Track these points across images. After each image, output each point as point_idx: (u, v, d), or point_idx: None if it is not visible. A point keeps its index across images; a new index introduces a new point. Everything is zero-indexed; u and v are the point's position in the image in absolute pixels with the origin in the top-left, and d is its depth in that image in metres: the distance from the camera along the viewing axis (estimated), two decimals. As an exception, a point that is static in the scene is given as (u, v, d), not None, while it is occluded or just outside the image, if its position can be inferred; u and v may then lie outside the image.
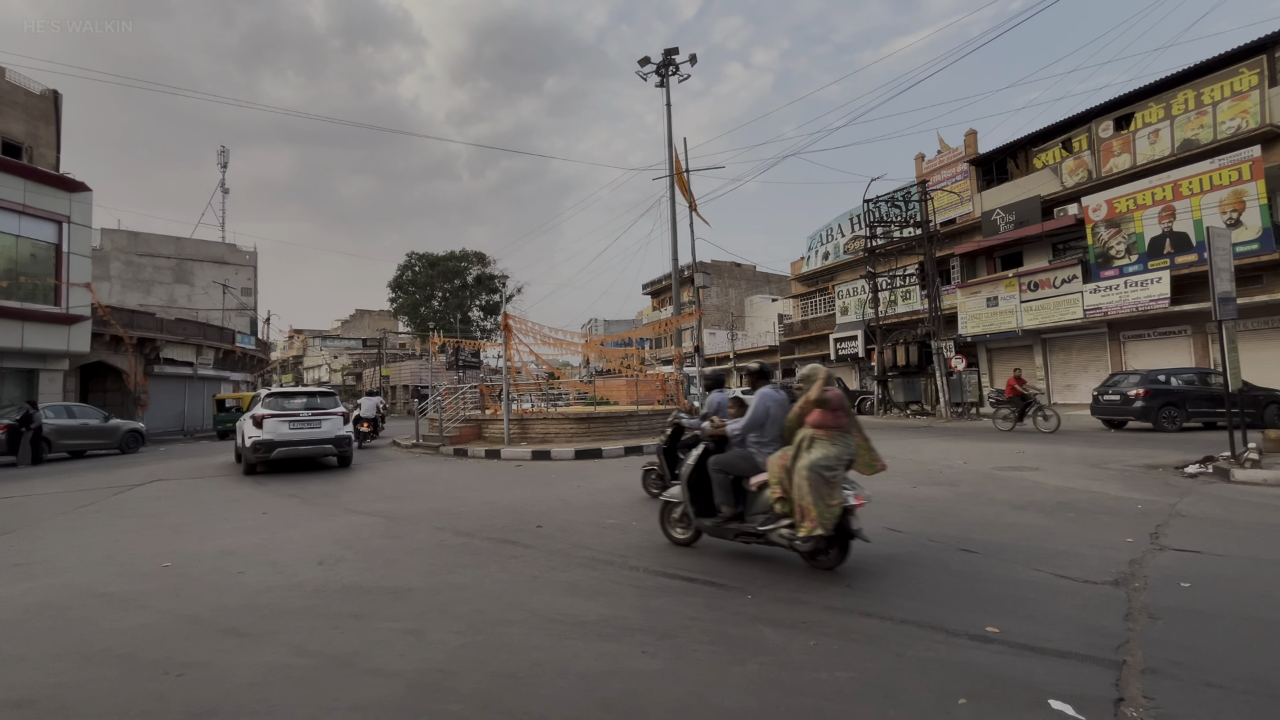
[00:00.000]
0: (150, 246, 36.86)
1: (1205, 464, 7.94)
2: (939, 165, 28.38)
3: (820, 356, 33.90)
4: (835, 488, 3.97)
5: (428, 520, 6.28)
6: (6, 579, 4.49)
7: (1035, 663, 2.72)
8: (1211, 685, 2.49)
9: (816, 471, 3.96)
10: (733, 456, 4.58)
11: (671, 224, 18.91)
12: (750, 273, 51.62)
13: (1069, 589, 3.68)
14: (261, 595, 3.93)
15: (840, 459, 4.05)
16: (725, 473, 4.58)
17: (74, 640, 3.26)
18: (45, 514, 7.25)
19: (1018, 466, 8.74)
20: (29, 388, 18.77)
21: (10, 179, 17.57)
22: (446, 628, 3.29)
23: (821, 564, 4.20)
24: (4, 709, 2.53)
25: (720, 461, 4.62)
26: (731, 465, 4.56)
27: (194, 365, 28.25)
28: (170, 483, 9.90)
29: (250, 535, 5.78)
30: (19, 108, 20.34)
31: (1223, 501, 6.20)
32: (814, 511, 3.91)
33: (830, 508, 3.91)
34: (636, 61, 19.26)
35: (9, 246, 17.74)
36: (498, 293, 50.96)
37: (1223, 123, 18.82)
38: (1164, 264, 19.22)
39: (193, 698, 2.57)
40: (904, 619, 3.25)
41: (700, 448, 4.84)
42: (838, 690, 2.52)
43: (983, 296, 24.46)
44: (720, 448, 4.75)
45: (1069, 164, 23.09)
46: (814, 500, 3.91)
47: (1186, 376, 14.20)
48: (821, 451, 4.03)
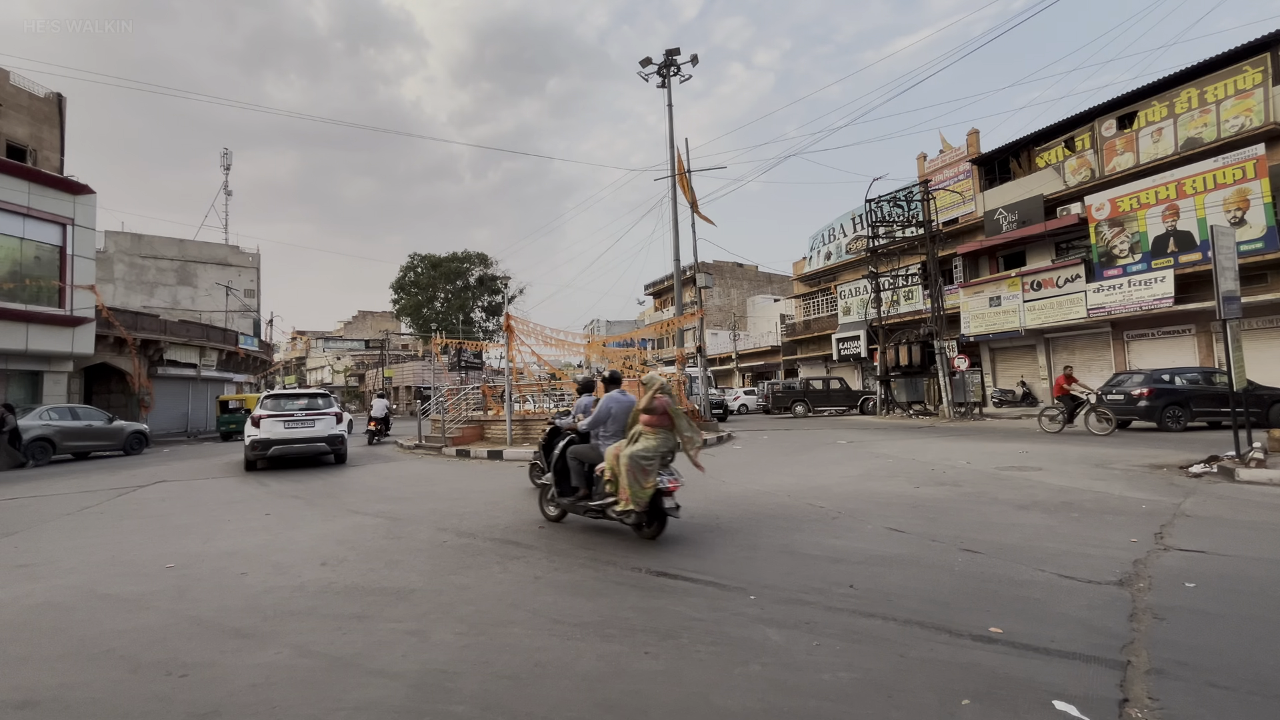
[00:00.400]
0: (154, 248, 36.99)
1: (1210, 463, 7.90)
2: (941, 165, 28.34)
3: (823, 357, 33.92)
4: (649, 474, 4.90)
5: (430, 521, 6.29)
6: (11, 580, 4.51)
7: (1039, 663, 2.71)
8: (1217, 686, 2.48)
9: (635, 460, 4.91)
10: (585, 447, 5.63)
11: (673, 224, 18.91)
12: (752, 273, 51.60)
13: (1073, 589, 3.67)
14: (264, 596, 3.94)
15: (658, 451, 4.98)
16: (579, 460, 5.57)
17: (78, 641, 3.27)
18: (49, 515, 7.27)
19: (1021, 466, 8.72)
20: (34, 389, 18.84)
21: (14, 181, 17.64)
22: (449, 628, 3.30)
23: (644, 535, 5.15)
24: (8, 709, 2.53)
25: (575, 451, 5.65)
26: (583, 454, 5.57)
27: (197, 367, 28.33)
28: (174, 484, 9.93)
29: (253, 536, 5.79)
30: (23, 110, 20.44)
31: (1228, 501, 6.17)
32: (628, 492, 4.91)
33: (644, 489, 4.86)
34: (638, 62, 19.28)
35: (13, 249, 17.82)
36: (500, 294, 51.02)
37: (1226, 121, 18.76)
38: (1168, 263, 19.16)
39: (196, 698, 2.58)
40: (907, 619, 3.24)
41: (564, 441, 5.86)
42: (841, 691, 2.51)
43: (985, 296, 24.41)
44: (584, 440, 5.76)
45: (1072, 163, 23.03)
46: (629, 483, 4.90)
47: (1191, 376, 14.15)
48: (643, 445, 4.99)
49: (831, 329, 32.61)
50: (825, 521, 5.69)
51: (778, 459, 10.61)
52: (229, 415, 24.19)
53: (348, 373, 69.32)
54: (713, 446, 13.61)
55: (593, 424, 5.68)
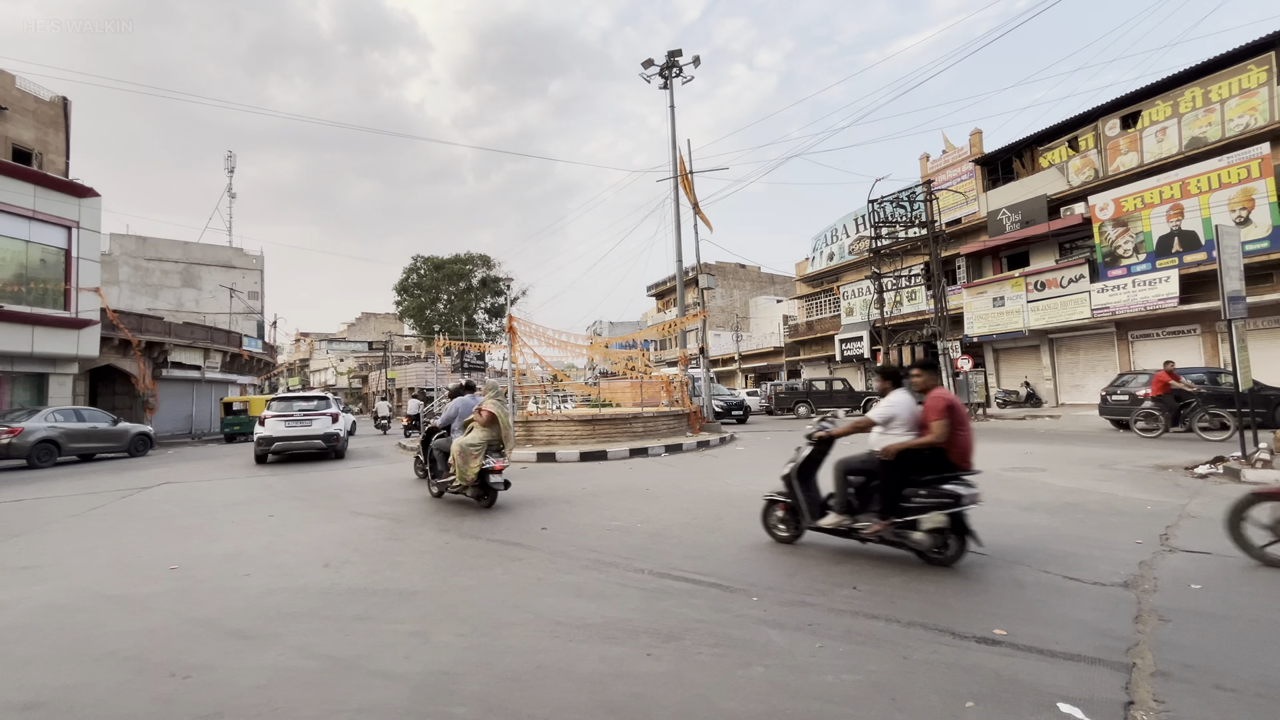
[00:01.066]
0: (158, 251, 37.15)
1: (1215, 464, 7.86)
2: (944, 165, 28.28)
3: (826, 357, 33.87)
4: (475, 458, 6.62)
5: (432, 522, 6.29)
6: (16, 581, 4.53)
7: (1043, 665, 2.69)
8: (1223, 688, 2.47)
9: (463, 447, 6.69)
10: (442, 440, 7.58)
11: (676, 226, 18.90)
12: (755, 274, 51.56)
13: (1077, 591, 3.65)
14: (268, 597, 3.95)
15: (484, 440, 6.72)
16: (442, 451, 7.45)
17: (82, 642, 3.28)
18: (54, 517, 7.30)
19: (1025, 467, 8.69)
20: (39, 392, 18.92)
21: (20, 185, 17.73)
22: (451, 630, 3.30)
23: (480, 505, 6.79)
24: (14, 710, 2.54)
25: (436, 444, 7.68)
26: (441, 446, 7.51)
27: (201, 369, 28.43)
28: (178, 485, 9.96)
29: (256, 538, 5.80)
30: (29, 114, 20.54)
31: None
32: (458, 471, 6.70)
33: (470, 468, 6.60)
34: (640, 64, 19.29)
35: (19, 252, 17.90)
36: (502, 295, 51.11)
37: (1231, 120, 18.68)
38: (1172, 263, 19.08)
39: (200, 700, 2.59)
40: (910, 621, 3.23)
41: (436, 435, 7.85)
42: (844, 693, 2.51)
43: (989, 296, 24.34)
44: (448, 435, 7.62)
45: (1075, 163, 22.97)
46: (460, 464, 6.68)
47: (1196, 376, 14.07)
48: (472, 436, 6.78)
49: (834, 330, 32.56)
50: (828, 523, 5.66)
51: (780, 459, 10.58)
52: (233, 417, 24.24)
53: (351, 374, 69.48)
54: (716, 447, 13.60)
55: (443, 422, 7.80)
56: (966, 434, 4.20)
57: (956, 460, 4.19)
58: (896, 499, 4.21)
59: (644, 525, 5.85)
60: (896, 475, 4.21)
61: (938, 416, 4.11)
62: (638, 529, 5.71)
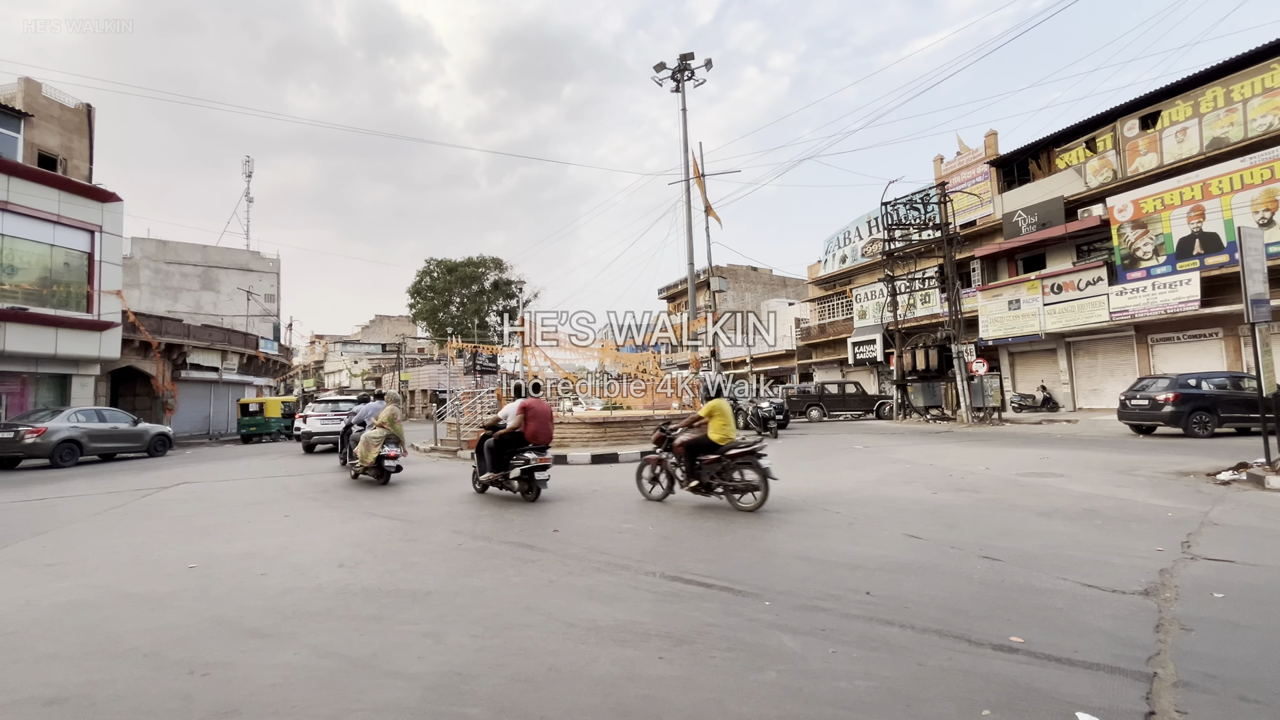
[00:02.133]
0: (178, 254, 37.82)
1: (1239, 470, 7.70)
2: (958, 167, 28.05)
3: (838, 360, 33.65)
4: (375, 448, 9.10)
5: (445, 523, 6.34)
6: (39, 579, 4.62)
7: (1062, 674, 2.65)
8: (1246, 700, 2.41)
9: (365, 440, 9.27)
10: (357, 433, 10.24)
11: (687, 228, 18.92)
12: (767, 276, 51.40)
13: (1097, 598, 3.59)
14: (284, 597, 3.99)
15: (380, 436, 9.20)
16: (356, 441, 9.91)
17: (103, 639, 3.33)
18: (76, 515, 7.44)
19: (1042, 473, 8.57)
20: (62, 392, 19.31)
21: (46, 190, 18.13)
22: (464, 631, 3.31)
23: (378, 483, 9.27)
24: (38, 705, 2.59)
25: (353, 436, 10.36)
26: (354, 439, 10.09)
27: (219, 370, 28.86)
28: (196, 485, 10.11)
29: (273, 538, 5.87)
30: (54, 121, 20.99)
31: (1258, 509, 6.00)
32: (361, 458, 9.22)
33: (370, 454, 9.11)
34: (653, 67, 19.34)
35: (44, 255, 18.31)
36: (515, 298, 51.37)
37: (1253, 120, 18.35)
38: (1193, 265, 18.75)
39: (217, 697, 2.62)
40: (925, 627, 3.20)
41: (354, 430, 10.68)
42: (858, 700, 2.48)
43: (1004, 299, 24.08)
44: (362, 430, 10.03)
45: (1093, 164, 22.66)
46: (364, 452, 9.19)
47: (1218, 380, 13.81)
48: (372, 431, 9.33)
49: (847, 333, 32.36)
50: (841, 527, 5.64)
51: (792, 463, 10.52)
52: (249, 418, 24.58)
53: (365, 376, 70.10)
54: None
55: (357, 420, 10.88)
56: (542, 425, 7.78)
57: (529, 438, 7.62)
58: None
59: (655, 528, 5.84)
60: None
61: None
62: (649, 532, 5.71)
